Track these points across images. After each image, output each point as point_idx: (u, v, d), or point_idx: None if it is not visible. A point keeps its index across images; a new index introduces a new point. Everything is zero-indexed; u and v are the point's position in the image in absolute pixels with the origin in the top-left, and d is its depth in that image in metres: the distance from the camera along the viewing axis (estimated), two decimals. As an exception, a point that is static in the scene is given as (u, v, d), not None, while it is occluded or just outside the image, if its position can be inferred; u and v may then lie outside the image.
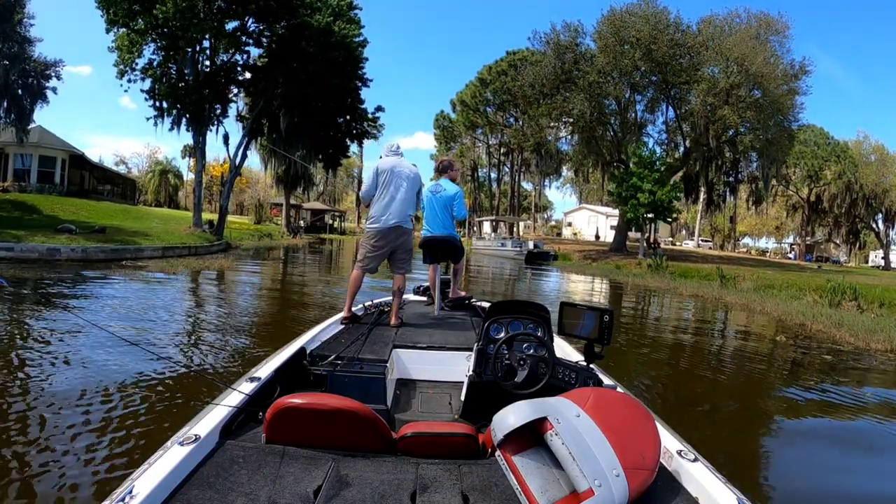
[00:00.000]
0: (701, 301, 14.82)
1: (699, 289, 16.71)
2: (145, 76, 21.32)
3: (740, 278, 18.27)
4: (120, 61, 21.14)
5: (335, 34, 20.56)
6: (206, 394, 3.96)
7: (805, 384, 6.13)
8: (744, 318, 12.20)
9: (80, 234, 16.46)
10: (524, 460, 1.38)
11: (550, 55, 27.18)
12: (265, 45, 21.50)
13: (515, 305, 2.74)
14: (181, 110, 20.81)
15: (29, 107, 23.65)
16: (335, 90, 21.98)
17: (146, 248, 16.02)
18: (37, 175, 30.27)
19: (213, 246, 19.40)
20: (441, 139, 50.74)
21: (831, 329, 9.95)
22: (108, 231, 17.81)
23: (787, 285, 17.71)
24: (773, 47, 25.93)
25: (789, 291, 16.73)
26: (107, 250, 14.83)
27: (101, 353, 5.16)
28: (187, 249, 17.59)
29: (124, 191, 43.42)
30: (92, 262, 13.77)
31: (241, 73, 22.60)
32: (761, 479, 3.60)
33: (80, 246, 14.44)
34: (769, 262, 34.50)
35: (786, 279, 18.72)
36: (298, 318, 8.37)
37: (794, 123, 27.88)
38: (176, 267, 13.33)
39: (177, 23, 18.54)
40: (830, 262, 46.93)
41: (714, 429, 4.65)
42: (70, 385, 4.26)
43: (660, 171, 25.01)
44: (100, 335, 5.59)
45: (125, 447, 3.25)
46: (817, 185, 48.57)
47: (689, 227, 63.82)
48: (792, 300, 14.60)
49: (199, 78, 20.94)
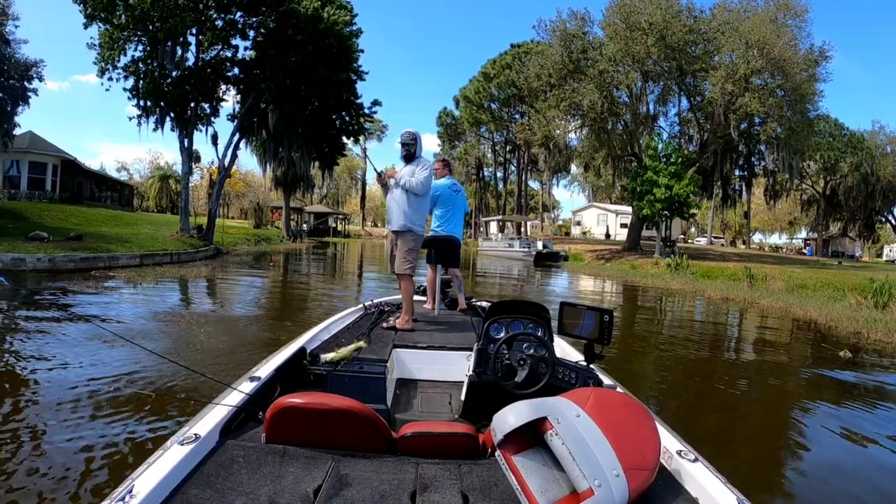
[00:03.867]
0: (734, 306, 13.32)
1: (727, 291, 15.21)
2: (128, 74, 20.13)
3: (771, 278, 16.73)
4: (101, 58, 19.98)
5: (324, 21, 19.16)
6: (206, 393, 3.83)
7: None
8: (788, 326, 10.71)
9: (54, 242, 15.30)
10: (524, 460, 1.37)
11: (557, 44, 25.71)
12: (252, 36, 20.18)
13: (515, 305, 2.72)
14: (164, 108, 19.53)
15: (10, 109, 22.57)
16: (327, 82, 20.55)
17: (122, 256, 14.76)
18: (27, 181, 29.45)
19: (198, 252, 18.10)
20: (444, 137, 49.24)
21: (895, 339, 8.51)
22: (88, 238, 16.64)
23: (821, 285, 16.22)
24: (792, 31, 24.46)
25: (826, 292, 15.25)
26: (76, 259, 13.58)
27: (101, 352, 5.17)
28: (168, 256, 16.30)
29: (122, 197, 42.80)
30: (60, 273, 12.60)
31: (230, 69, 21.32)
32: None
33: (46, 255, 13.22)
34: (789, 259, 32.83)
35: (818, 278, 17.17)
36: (251, 361, 6.23)
37: (812, 113, 26.46)
38: (146, 277, 12.08)
39: (155, 14, 17.31)
40: (846, 256, 45.20)
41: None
42: (69, 385, 4.26)
43: (676, 164, 23.47)
44: (98, 333, 5.58)
45: (125, 447, 3.22)
46: (833, 177, 47.00)
47: (699, 224, 61.94)
48: (832, 302, 13.15)
49: (185, 72, 19.69)
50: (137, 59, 20.00)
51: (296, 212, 46.90)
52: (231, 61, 20.94)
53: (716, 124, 24.73)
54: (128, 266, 14.37)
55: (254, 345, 6.10)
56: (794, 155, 25.66)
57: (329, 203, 71.93)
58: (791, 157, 25.76)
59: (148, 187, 60.07)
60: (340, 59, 20.82)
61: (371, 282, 16.42)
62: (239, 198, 63.53)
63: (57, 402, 3.91)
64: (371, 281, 16.54)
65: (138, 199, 58.47)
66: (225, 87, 21.77)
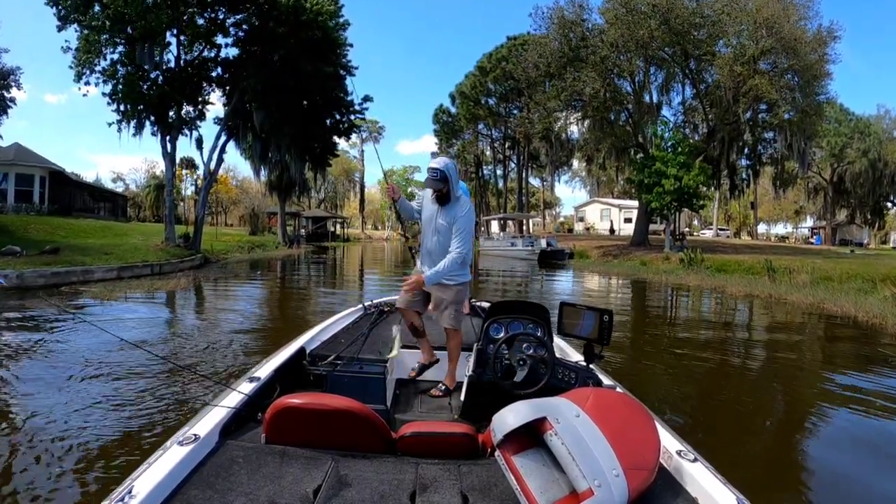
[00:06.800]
0: (761, 303, 12.24)
1: (748, 286, 14.14)
2: (106, 78, 19.12)
3: (794, 271, 15.64)
4: (77, 62, 18.98)
5: (307, 11, 18.09)
6: (205, 394, 3.88)
7: None
8: (827, 326, 9.65)
9: (26, 256, 14.35)
10: (524, 460, 1.35)
11: (555, 32, 24.65)
12: (233, 33, 19.13)
13: (515, 305, 2.69)
14: (142, 111, 18.51)
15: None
16: (312, 77, 19.49)
17: (97, 270, 13.77)
18: (14, 194, 28.65)
19: (182, 262, 17.07)
20: (441, 135, 48.14)
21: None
22: (66, 251, 15.71)
23: (847, 276, 15.16)
24: (800, 11, 23.40)
25: (853, 284, 14.19)
26: (47, 275, 12.59)
27: (100, 353, 5.12)
28: (149, 268, 15.28)
29: (115, 208, 42.04)
30: (28, 290, 11.63)
31: (213, 69, 20.28)
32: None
33: (14, 272, 12.24)
34: (801, 249, 31.71)
35: (841, 269, 16.07)
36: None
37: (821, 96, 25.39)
38: (115, 292, 11.08)
39: (130, 12, 16.32)
40: (855, 244, 44.19)
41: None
42: (68, 385, 4.23)
43: (685, 153, 22.36)
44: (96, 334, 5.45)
45: (124, 447, 3.16)
46: (841, 164, 46.06)
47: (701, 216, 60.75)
48: (863, 295, 12.10)
49: (165, 74, 18.69)
50: (115, 62, 19.02)
51: (293, 217, 45.92)
52: (214, 61, 19.92)
53: (723, 110, 23.62)
54: (103, 280, 13.38)
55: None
56: (806, 140, 24.54)
57: (327, 207, 70.91)
58: (803, 141, 24.64)
59: (144, 197, 59.27)
60: (326, 52, 19.75)
61: (373, 283, 15.50)
62: (236, 204, 62.69)
63: (52, 403, 3.83)
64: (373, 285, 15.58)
65: (134, 209, 57.73)
66: (209, 89, 20.75)
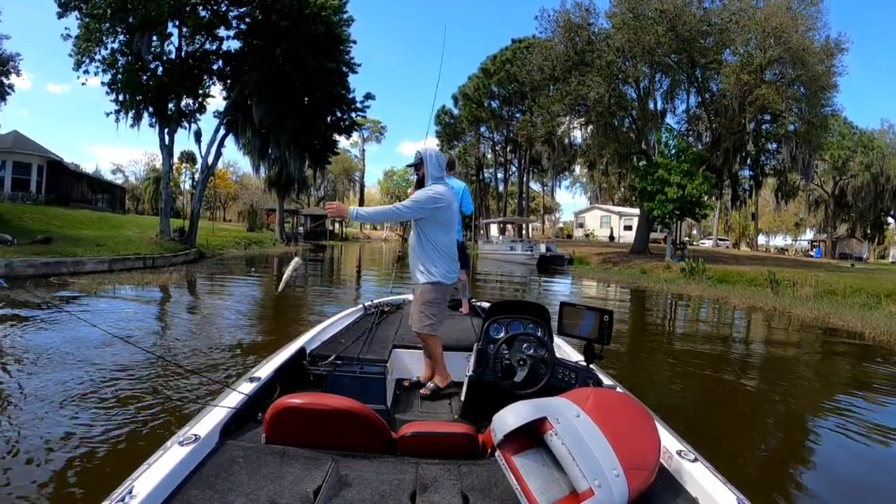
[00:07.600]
0: (764, 315, 11.99)
1: (751, 297, 13.89)
2: (105, 67, 18.88)
3: (797, 284, 15.40)
4: (76, 50, 18.73)
5: (310, 5, 17.88)
6: (206, 394, 3.86)
7: None
8: (828, 340, 9.41)
9: (18, 245, 14.07)
10: (524, 460, 1.34)
11: (560, 35, 24.44)
12: (235, 26, 18.90)
13: (515, 306, 2.68)
14: (141, 102, 18.24)
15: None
16: (314, 72, 19.25)
17: (88, 261, 13.50)
18: (11, 182, 28.35)
19: (176, 256, 16.80)
20: (443, 136, 47.90)
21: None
22: (59, 241, 15.44)
23: (851, 290, 14.94)
24: (808, 21, 23.24)
25: (857, 298, 13.97)
26: (36, 264, 12.35)
27: (99, 352, 5.04)
28: (141, 261, 15.01)
29: (113, 199, 41.66)
30: (17, 279, 11.38)
31: (214, 62, 20.03)
32: None
33: (4, 260, 11.99)
34: (802, 262, 31.52)
35: (845, 283, 15.84)
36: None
37: (826, 108, 25.24)
38: (105, 285, 10.81)
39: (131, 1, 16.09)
40: (854, 258, 44.06)
41: None
42: (68, 385, 4.16)
43: (689, 161, 22.14)
44: (95, 334, 5.35)
45: (125, 447, 3.15)
46: (843, 177, 45.98)
47: (701, 226, 60.56)
48: (868, 311, 11.90)
49: (165, 65, 18.45)
50: (115, 52, 18.78)
51: (292, 214, 45.61)
52: (215, 54, 19.67)
53: (728, 119, 23.42)
54: (94, 272, 13.14)
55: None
56: (811, 152, 24.34)
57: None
58: (808, 153, 24.44)
59: (143, 190, 58.94)
60: (329, 48, 19.51)
61: (373, 284, 15.22)
62: (235, 200, 62.41)
63: (52, 403, 3.78)
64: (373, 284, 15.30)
65: (133, 201, 57.47)
66: (210, 82, 20.50)
